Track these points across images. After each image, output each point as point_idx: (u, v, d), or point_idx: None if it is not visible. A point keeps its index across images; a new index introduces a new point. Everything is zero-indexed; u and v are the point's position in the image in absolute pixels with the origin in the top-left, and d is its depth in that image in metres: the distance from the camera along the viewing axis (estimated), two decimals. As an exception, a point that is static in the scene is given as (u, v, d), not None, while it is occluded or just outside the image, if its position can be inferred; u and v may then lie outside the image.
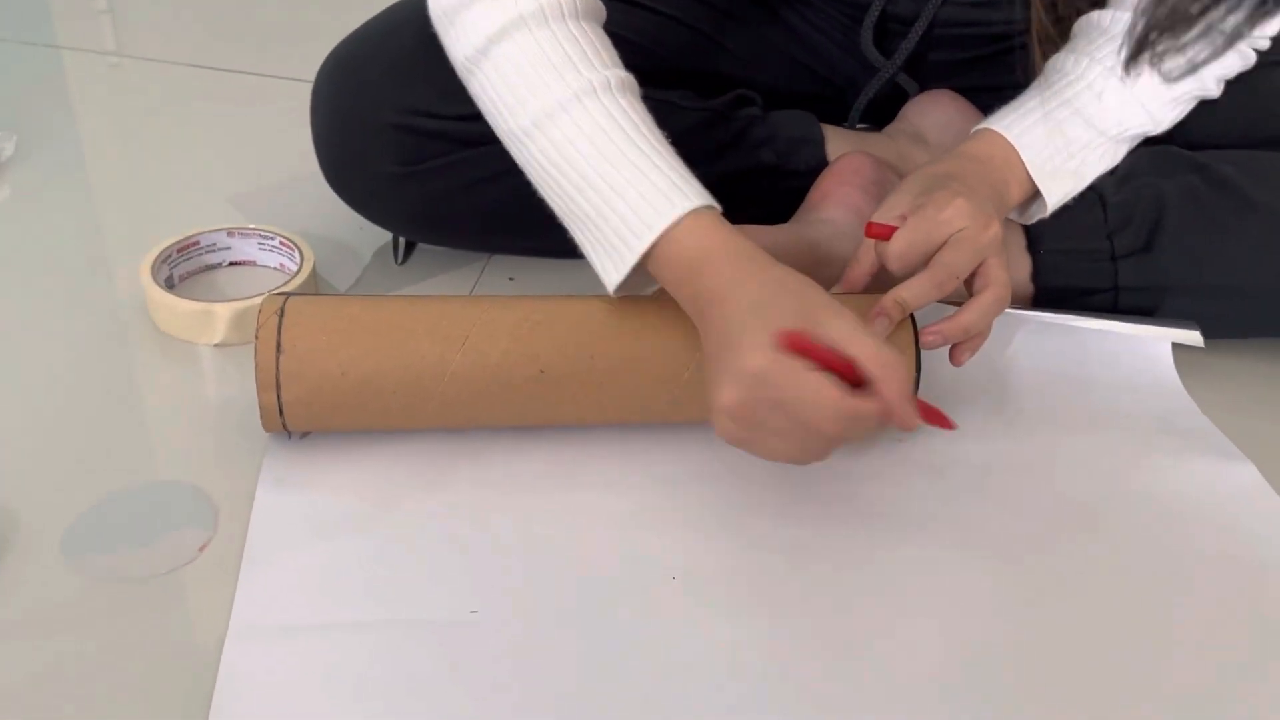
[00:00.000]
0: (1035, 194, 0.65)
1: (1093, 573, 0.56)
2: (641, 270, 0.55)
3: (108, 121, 1.03)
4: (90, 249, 0.81)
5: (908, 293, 0.58)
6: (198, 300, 0.68)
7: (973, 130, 0.66)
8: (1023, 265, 0.70)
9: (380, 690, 0.47)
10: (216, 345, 0.69)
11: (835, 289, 0.64)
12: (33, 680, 0.47)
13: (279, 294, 0.58)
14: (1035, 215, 0.68)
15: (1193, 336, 0.69)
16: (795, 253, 0.66)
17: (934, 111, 0.83)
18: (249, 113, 1.06)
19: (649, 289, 0.59)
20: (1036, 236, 0.69)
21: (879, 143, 0.82)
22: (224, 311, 0.68)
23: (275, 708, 0.46)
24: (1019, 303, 0.71)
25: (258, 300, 0.68)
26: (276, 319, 0.56)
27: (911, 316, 0.60)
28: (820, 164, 0.78)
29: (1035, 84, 0.67)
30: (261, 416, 0.57)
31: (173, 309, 0.68)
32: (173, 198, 0.88)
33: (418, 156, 0.70)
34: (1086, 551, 0.57)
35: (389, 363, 0.56)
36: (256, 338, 0.56)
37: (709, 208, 0.54)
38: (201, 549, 0.54)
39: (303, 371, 0.56)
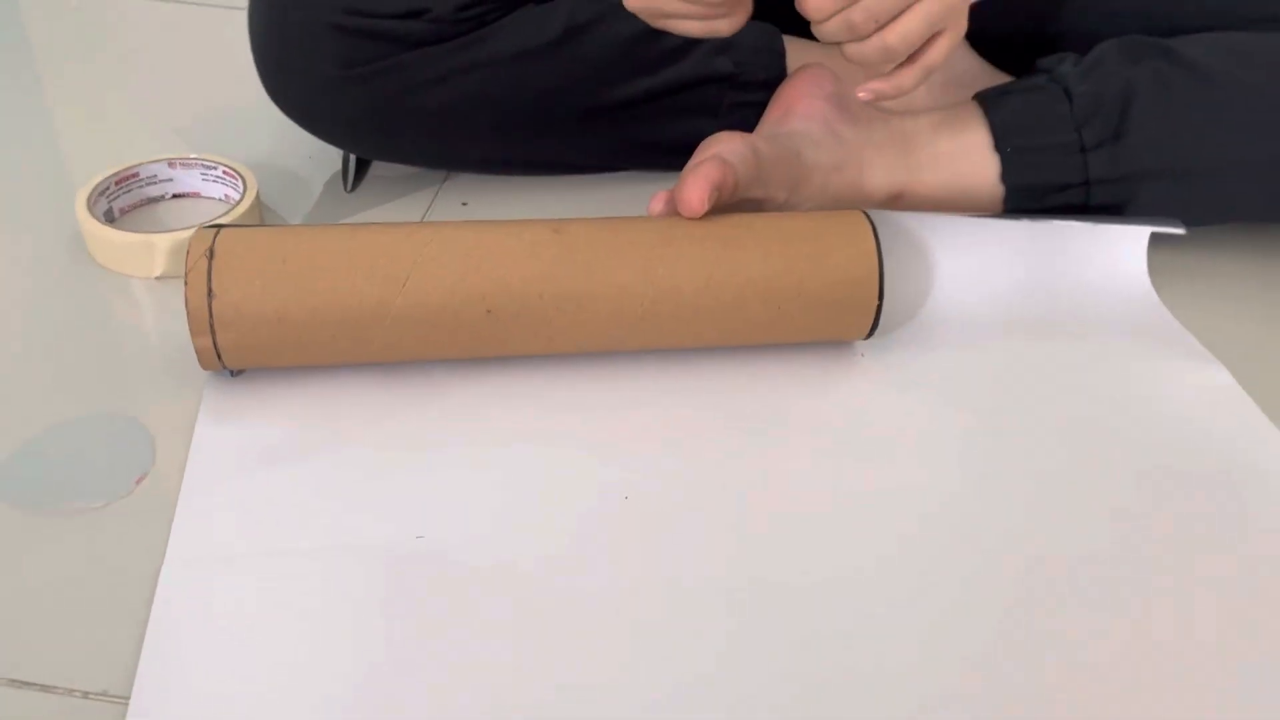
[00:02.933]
0: None
1: (1063, 480, 0.54)
2: None
3: (49, 53, 1.00)
4: (26, 183, 0.78)
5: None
6: (137, 232, 0.66)
7: None
8: (990, 165, 0.67)
9: (321, 616, 0.46)
10: (157, 278, 0.67)
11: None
12: (-38, 617, 0.46)
13: (210, 227, 0.55)
14: None
15: (1172, 225, 0.66)
16: (778, 160, 0.64)
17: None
18: (191, 42, 1.02)
19: None
20: (1003, 134, 0.67)
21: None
22: (163, 243, 0.65)
23: (212, 635, 0.45)
24: (989, 206, 0.69)
25: (197, 230, 0.66)
26: (206, 261, 0.53)
27: (870, 220, 0.58)
28: (780, 75, 0.75)
29: None
30: (198, 357, 0.55)
31: (110, 241, 0.66)
32: (113, 129, 0.85)
33: (358, 58, 0.67)
34: (1056, 460, 0.55)
35: (326, 307, 0.54)
36: (186, 281, 0.53)
37: None
38: (139, 481, 0.52)
39: (236, 318, 0.53)
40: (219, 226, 0.55)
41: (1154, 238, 0.67)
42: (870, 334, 0.60)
